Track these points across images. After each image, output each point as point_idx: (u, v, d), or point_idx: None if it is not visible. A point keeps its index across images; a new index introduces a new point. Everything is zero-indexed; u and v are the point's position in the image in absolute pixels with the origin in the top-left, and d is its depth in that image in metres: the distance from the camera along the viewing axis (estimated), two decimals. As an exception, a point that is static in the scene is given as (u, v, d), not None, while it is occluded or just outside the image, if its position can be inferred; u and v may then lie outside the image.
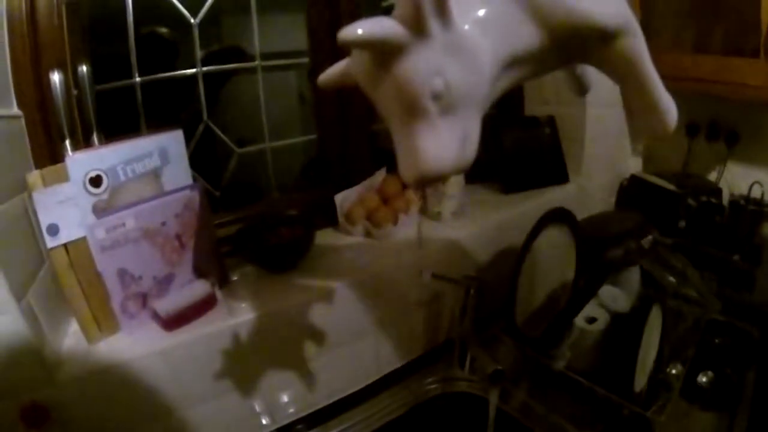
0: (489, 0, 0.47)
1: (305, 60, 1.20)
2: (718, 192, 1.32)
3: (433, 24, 0.41)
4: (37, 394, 0.71)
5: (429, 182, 0.46)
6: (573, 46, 0.53)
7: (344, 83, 0.53)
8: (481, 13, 0.46)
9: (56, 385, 0.73)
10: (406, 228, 1.20)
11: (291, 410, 0.98)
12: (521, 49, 0.49)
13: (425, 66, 0.42)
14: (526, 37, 0.49)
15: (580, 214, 1.10)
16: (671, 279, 1.02)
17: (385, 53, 0.42)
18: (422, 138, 0.44)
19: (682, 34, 1.27)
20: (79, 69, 0.86)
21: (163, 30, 1.33)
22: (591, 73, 0.72)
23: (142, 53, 1.03)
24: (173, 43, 1.31)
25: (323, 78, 0.56)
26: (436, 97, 0.43)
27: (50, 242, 0.76)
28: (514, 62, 0.49)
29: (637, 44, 0.56)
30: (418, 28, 0.41)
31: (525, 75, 0.53)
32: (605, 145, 1.44)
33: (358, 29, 0.39)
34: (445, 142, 0.44)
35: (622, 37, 0.54)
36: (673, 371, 0.86)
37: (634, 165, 1.56)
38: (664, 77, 0.59)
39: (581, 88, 0.74)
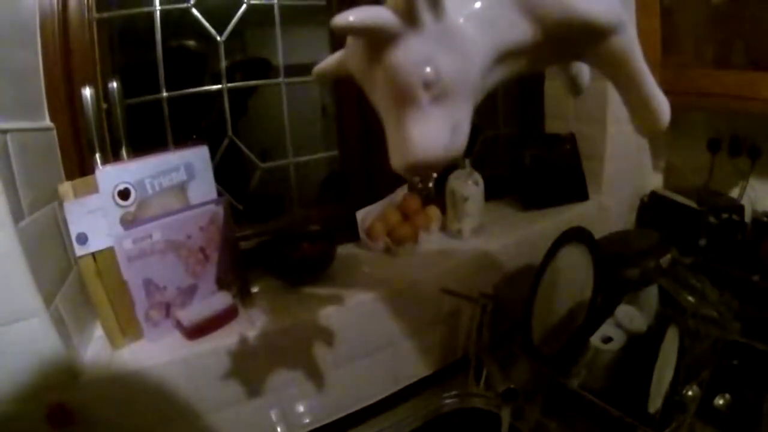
0: None
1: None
2: (740, 209, 1.29)
3: (426, 14, 0.42)
4: (63, 396, 0.73)
5: (418, 171, 0.47)
6: (566, 42, 0.53)
7: (339, 74, 0.54)
8: (475, 5, 0.47)
9: (81, 388, 0.75)
10: (427, 244, 1.21)
11: (306, 420, 0.99)
12: (514, 43, 0.50)
13: (417, 55, 0.42)
14: (519, 31, 0.50)
15: (600, 231, 1.10)
16: (690, 299, 1.01)
17: (377, 41, 0.42)
18: (412, 126, 0.44)
19: (703, 49, 1.27)
20: (110, 85, 0.89)
21: (191, 43, 1.36)
22: (586, 75, 0.72)
23: (170, 65, 1.06)
24: (201, 55, 1.34)
25: (319, 68, 0.56)
26: (427, 85, 0.43)
27: (79, 250, 0.79)
28: (506, 56, 0.50)
29: (630, 42, 0.56)
30: (410, 17, 0.41)
31: (518, 69, 0.53)
32: (625, 162, 1.43)
33: (350, 16, 0.39)
34: (435, 131, 0.45)
35: (614, 34, 0.54)
36: (689, 393, 0.85)
37: (654, 181, 1.54)
38: (686, 93, 0.59)
39: (576, 89, 0.74)
